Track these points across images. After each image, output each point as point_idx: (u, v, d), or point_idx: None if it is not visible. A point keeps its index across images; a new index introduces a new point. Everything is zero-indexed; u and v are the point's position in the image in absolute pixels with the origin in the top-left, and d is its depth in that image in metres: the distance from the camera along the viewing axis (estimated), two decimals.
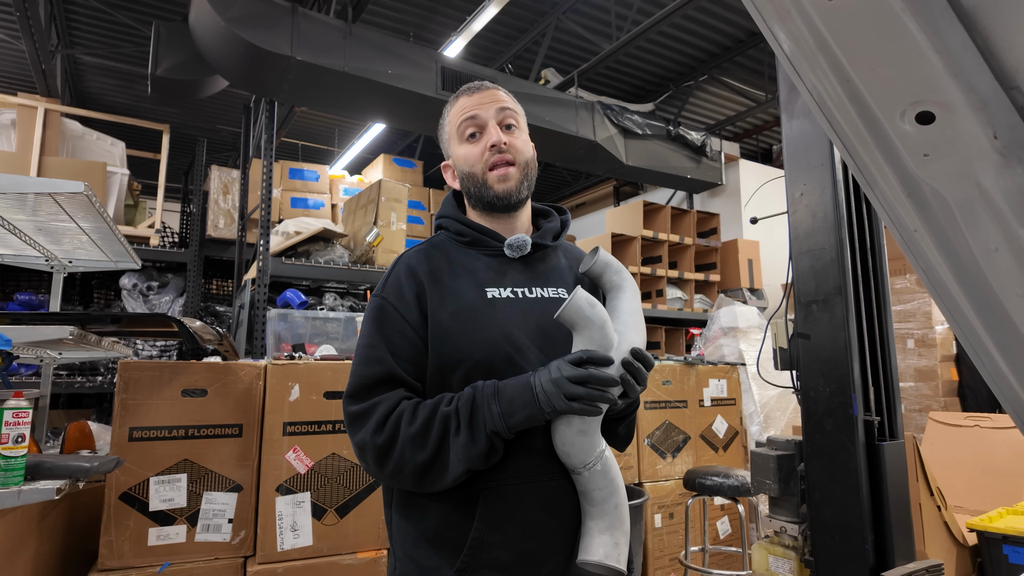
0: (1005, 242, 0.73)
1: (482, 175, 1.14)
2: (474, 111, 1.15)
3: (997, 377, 0.87)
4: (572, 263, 1.25)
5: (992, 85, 0.62)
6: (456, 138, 1.18)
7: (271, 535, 2.06)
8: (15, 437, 1.46)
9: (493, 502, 1.03)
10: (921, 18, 0.60)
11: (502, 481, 1.04)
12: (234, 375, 2.09)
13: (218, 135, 7.77)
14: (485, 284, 1.11)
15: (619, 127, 5.56)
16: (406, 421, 1.00)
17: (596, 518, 1.03)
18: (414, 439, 0.99)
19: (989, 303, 0.80)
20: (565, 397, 0.95)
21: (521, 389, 0.98)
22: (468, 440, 0.98)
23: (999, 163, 0.67)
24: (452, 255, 1.15)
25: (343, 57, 4.00)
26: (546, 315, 1.11)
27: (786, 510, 1.89)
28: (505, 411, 0.97)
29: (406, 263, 1.13)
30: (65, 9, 5.30)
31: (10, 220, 1.96)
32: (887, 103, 0.67)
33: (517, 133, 1.18)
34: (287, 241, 4.26)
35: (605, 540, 1.00)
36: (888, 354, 1.85)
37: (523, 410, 0.97)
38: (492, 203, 1.15)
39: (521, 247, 1.15)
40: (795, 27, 0.65)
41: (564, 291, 1.17)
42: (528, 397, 0.97)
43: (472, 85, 1.20)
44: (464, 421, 0.98)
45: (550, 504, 1.06)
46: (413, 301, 1.07)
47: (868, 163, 0.74)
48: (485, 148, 1.14)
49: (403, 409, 1.01)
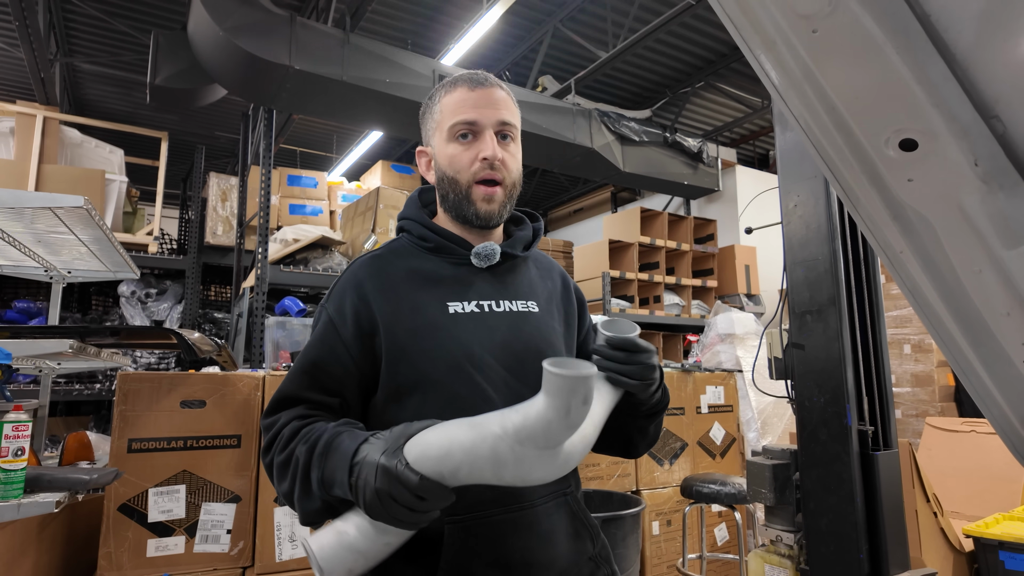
0: (989, 264, 0.75)
1: (467, 186, 1.04)
2: (474, 115, 1.04)
3: (983, 394, 0.89)
4: (543, 273, 1.17)
5: (972, 114, 0.64)
6: (445, 133, 1.06)
7: (269, 546, 2.07)
8: (15, 450, 1.47)
9: (460, 539, 0.93)
10: (903, 50, 0.62)
11: (468, 513, 0.94)
12: (232, 386, 2.10)
13: (216, 142, 7.79)
14: (447, 297, 1.02)
15: (616, 134, 5.59)
16: (277, 449, 0.93)
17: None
18: (280, 469, 0.92)
19: (974, 322, 0.81)
20: (378, 503, 0.79)
21: (342, 462, 0.84)
22: (302, 492, 0.89)
23: (981, 188, 0.69)
24: (413, 263, 1.06)
25: (341, 66, 4.02)
26: (514, 330, 1.04)
27: (782, 519, 1.90)
28: (326, 480, 0.86)
29: (353, 274, 1.04)
30: (64, 17, 5.32)
31: (9, 232, 1.97)
32: (871, 130, 0.69)
33: (512, 148, 1.08)
34: (285, 248, 4.28)
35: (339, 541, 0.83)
36: (882, 364, 1.87)
37: (340, 488, 0.84)
38: (469, 220, 1.06)
39: (489, 256, 1.05)
40: (781, 57, 0.67)
41: (534, 304, 1.09)
42: (343, 477, 0.83)
43: (474, 77, 1.08)
44: (301, 472, 0.89)
45: (535, 535, 0.97)
46: (352, 317, 0.99)
47: (854, 187, 0.76)
48: (476, 158, 1.03)
49: (283, 434, 0.94)
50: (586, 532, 1.05)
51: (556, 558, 0.99)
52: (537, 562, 0.96)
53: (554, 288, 1.17)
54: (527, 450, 0.79)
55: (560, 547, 1.00)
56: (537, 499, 0.99)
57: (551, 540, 0.99)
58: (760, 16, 0.64)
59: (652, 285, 5.59)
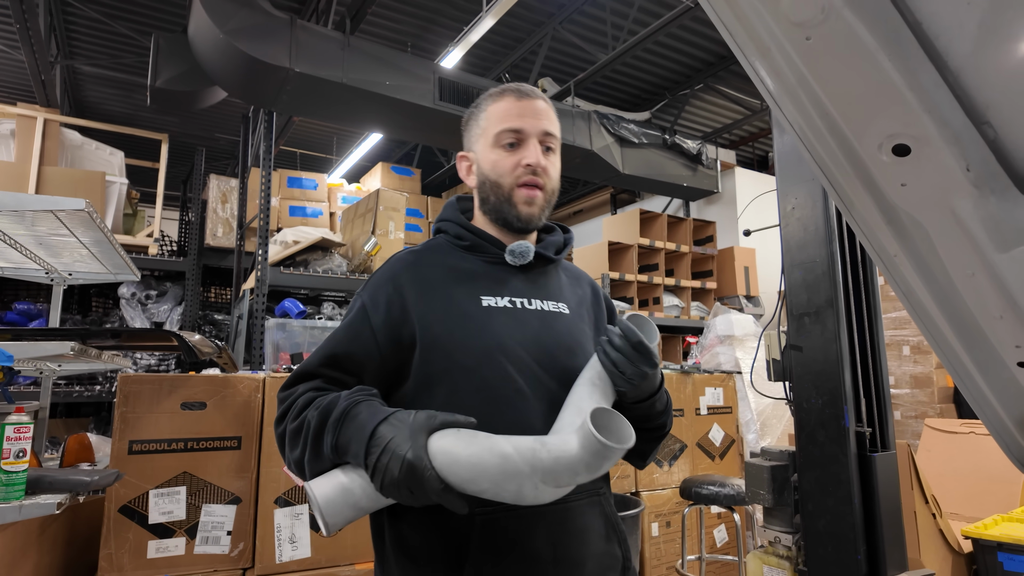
0: (982, 267, 0.76)
1: (509, 189, 1.08)
2: (520, 124, 1.08)
3: (978, 396, 0.89)
4: (573, 281, 1.21)
5: (963, 120, 0.65)
6: (490, 140, 1.10)
7: (270, 547, 2.08)
8: (16, 452, 1.48)
9: (490, 532, 0.94)
10: (895, 57, 0.62)
11: (499, 505, 0.93)
12: (233, 388, 2.10)
13: (216, 144, 7.80)
14: (481, 292, 1.06)
15: (615, 136, 5.60)
16: (292, 416, 0.96)
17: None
18: (292, 435, 0.95)
19: (968, 325, 0.82)
20: (394, 488, 0.83)
21: (359, 435, 0.87)
22: (312, 457, 0.92)
23: (973, 193, 0.69)
24: (449, 260, 1.10)
25: (341, 68, 4.03)
26: (545, 327, 1.06)
27: (780, 520, 1.91)
28: (340, 447, 0.89)
29: (391, 268, 1.09)
30: (65, 20, 5.33)
31: (11, 234, 1.98)
32: (865, 136, 0.70)
33: (553, 159, 1.12)
34: (286, 251, 4.28)
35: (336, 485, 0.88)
36: (879, 366, 1.88)
37: (354, 457, 0.87)
38: (510, 223, 1.09)
39: (523, 254, 1.09)
40: (776, 64, 0.68)
41: (564, 306, 1.12)
42: (358, 450, 0.86)
43: (521, 88, 1.12)
44: (312, 436, 0.92)
45: (567, 531, 0.98)
46: (384, 305, 1.02)
47: (848, 191, 0.76)
48: (520, 163, 1.07)
49: (297, 403, 0.97)
50: (615, 535, 1.07)
51: (587, 557, 1.00)
52: (568, 559, 0.97)
53: (584, 295, 1.20)
54: (547, 487, 0.85)
55: (591, 546, 1.01)
56: (571, 496, 0.98)
57: (583, 538, 1.00)
58: (755, 24, 0.65)
59: (651, 287, 5.59)
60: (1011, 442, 0.93)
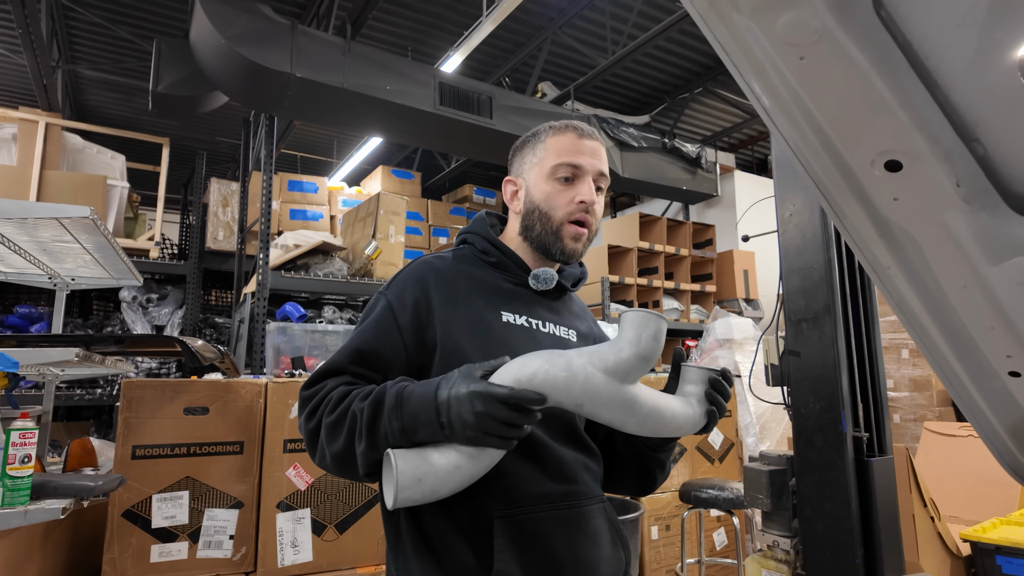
0: (973, 279, 0.77)
1: (560, 223, 1.11)
2: (579, 160, 1.11)
3: (970, 404, 0.91)
4: (580, 313, 1.25)
5: (953, 138, 0.66)
6: (547, 171, 1.12)
7: (272, 551, 2.09)
8: (22, 457, 1.49)
9: (510, 533, 0.96)
10: (886, 76, 0.64)
11: (518, 508, 0.98)
12: (235, 393, 2.12)
13: (217, 147, 7.82)
14: (501, 307, 1.09)
15: (615, 140, 5.62)
16: (328, 409, 0.96)
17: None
18: (331, 428, 0.95)
19: (960, 336, 0.84)
20: (479, 428, 0.85)
21: (425, 404, 0.88)
22: (368, 449, 0.91)
23: (964, 208, 0.71)
24: (474, 271, 1.13)
25: (342, 74, 4.05)
26: (557, 349, 1.08)
27: (779, 524, 1.92)
28: (408, 427, 0.89)
29: (419, 268, 1.10)
30: (66, 24, 5.36)
31: (15, 241, 2.00)
32: (858, 152, 0.71)
33: (600, 199, 1.16)
34: (286, 254, 4.30)
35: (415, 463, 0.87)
36: (877, 371, 1.89)
37: (426, 428, 0.88)
38: (553, 254, 1.12)
39: (547, 280, 1.13)
40: (770, 82, 0.69)
41: (574, 334, 1.16)
42: (431, 416, 0.88)
43: (583, 127, 1.16)
44: (365, 427, 0.91)
45: (582, 534, 1.01)
46: (411, 305, 1.04)
47: (842, 204, 0.78)
48: (574, 199, 1.10)
49: (331, 397, 0.97)
50: (620, 541, 1.10)
51: (601, 560, 1.03)
52: (585, 560, 1.00)
53: (591, 329, 1.25)
54: (595, 371, 0.88)
55: (604, 550, 1.04)
56: (583, 501, 1.03)
57: (597, 541, 1.03)
58: (750, 43, 0.67)
59: (651, 290, 5.61)
60: (1004, 450, 0.95)
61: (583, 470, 1.07)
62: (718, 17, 0.65)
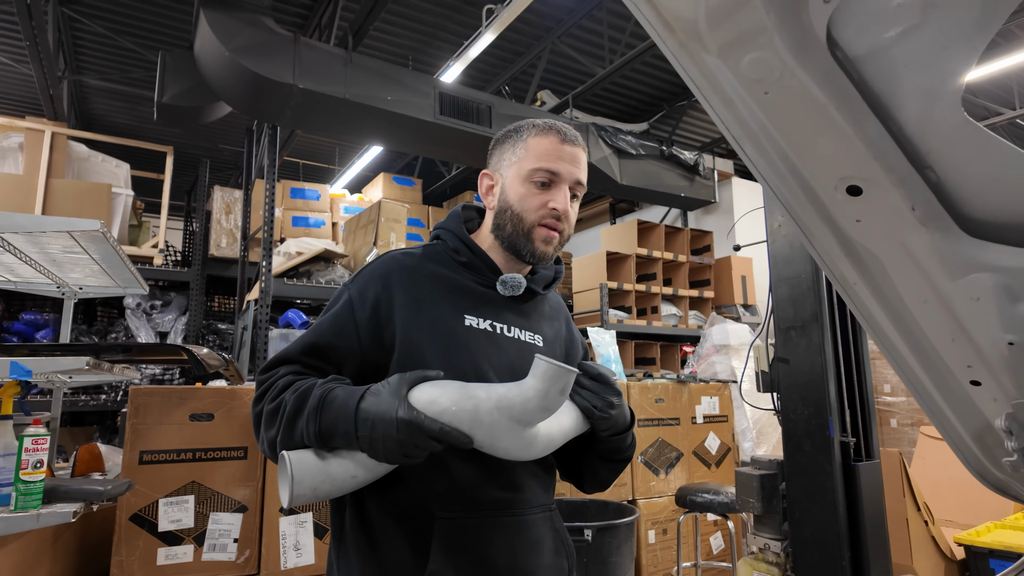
0: (933, 295, 0.83)
1: (530, 226, 1.10)
2: (558, 167, 1.10)
3: (936, 412, 0.96)
4: (553, 313, 1.24)
5: (906, 166, 0.72)
6: (524, 172, 1.11)
7: (275, 554, 2.14)
8: (34, 463, 1.54)
9: (448, 535, 0.98)
10: (843, 110, 0.70)
11: (461, 512, 1.00)
12: (239, 399, 2.17)
13: (221, 155, 7.90)
14: (465, 310, 1.08)
15: (613, 147, 5.68)
16: (269, 397, 0.98)
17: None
18: (269, 416, 0.96)
19: (924, 347, 0.89)
20: (399, 452, 0.88)
21: (345, 415, 0.89)
22: (285, 439, 0.93)
23: (921, 230, 0.77)
24: (442, 270, 1.11)
25: (344, 84, 4.12)
26: (520, 356, 1.09)
27: (769, 527, 1.97)
28: (324, 432, 0.90)
29: (385, 265, 1.10)
30: (72, 35, 5.44)
31: (26, 252, 2.06)
32: (821, 178, 0.77)
33: (575, 206, 1.15)
34: (289, 262, 4.36)
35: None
36: (864, 377, 1.94)
37: (342, 437, 0.89)
38: (522, 255, 1.11)
39: (514, 287, 1.12)
40: (739, 114, 0.75)
41: (540, 339, 1.15)
42: (348, 428, 0.89)
43: (567, 131, 1.13)
44: (286, 420, 0.93)
45: (522, 541, 1.02)
46: (372, 302, 1.04)
47: (810, 226, 0.84)
48: (547, 205, 1.09)
49: (277, 385, 0.98)
50: (564, 549, 1.11)
51: (538, 568, 1.04)
52: (522, 568, 1.01)
53: (559, 330, 1.24)
54: (502, 418, 0.91)
55: (544, 558, 1.05)
56: (528, 509, 1.05)
57: (536, 550, 1.04)
58: (719, 79, 0.72)
59: (650, 296, 5.66)
60: (970, 456, 1.00)
61: (531, 477, 1.08)
62: (689, 56, 0.70)
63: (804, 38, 0.65)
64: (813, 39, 0.65)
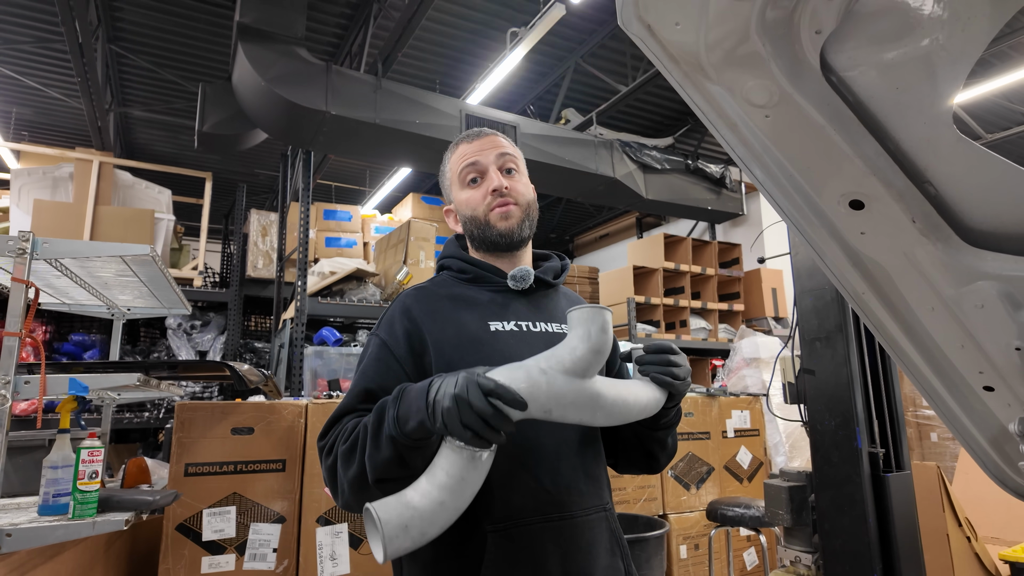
0: (940, 303, 0.86)
1: (484, 216, 1.15)
2: (475, 157, 1.17)
3: (952, 418, 0.98)
4: (569, 305, 1.19)
5: (904, 181, 0.76)
6: (457, 183, 1.20)
7: (312, 564, 2.21)
8: (90, 473, 1.64)
9: (501, 547, 0.97)
10: (841, 131, 0.75)
11: (510, 521, 0.98)
12: (278, 414, 2.26)
13: (257, 179, 8.17)
14: (488, 317, 1.11)
15: (638, 163, 5.72)
16: (342, 440, 0.96)
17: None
18: (346, 455, 0.94)
19: (935, 355, 0.92)
20: (460, 421, 0.82)
21: (419, 392, 0.89)
22: (373, 447, 0.91)
23: (922, 241, 0.80)
24: (454, 291, 1.15)
25: (374, 109, 4.27)
26: (551, 346, 1.08)
27: (800, 540, 1.96)
28: (401, 416, 0.89)
29: (401, 303, 1.13)
30: (119, 70, 5.74)
31: (81, 276, 2.19)
32: (824, 194, 0.81)
33: (517, 177, 1.19)
34: (323, 281, 4.49)
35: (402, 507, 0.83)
36: (892, 387, 1.94)
37: (416, 416, 0.87)
38: (495, 242, 1.16)
39: (524, 278, 1.15)
40: (743, 136, 0.80)
41: (566, 327, 1.14)
42: (421, 403, 0.87)
43: (471, 132, 1.22)
44: (372, 428, 0.92)
45: (575, 546, 1.01)
46: (403, 337, 1.07)
47: (817, 239, 0.88)
48: (487, 192, 1.15)
49: (345, 429, 0.97)
50: (619, 551, 1.10)
51: (595, 570, 1.02)
52: (576, 572, 1.00)
53: None
54: (556, 373, 0.89)
55: (599, 561, 1.04)
56: (578, 511, 1.03)
57: (591, 553, 1.03)
58: (722, 105, 0.78)
59: (678, 310, 5.65)
60: (988, 461, 1.01)
61: (582, 477, 1.07)
62: (693, 85, 0.76)
63: (799, 65, 0.70)
64: (807, 66, 0.70)
